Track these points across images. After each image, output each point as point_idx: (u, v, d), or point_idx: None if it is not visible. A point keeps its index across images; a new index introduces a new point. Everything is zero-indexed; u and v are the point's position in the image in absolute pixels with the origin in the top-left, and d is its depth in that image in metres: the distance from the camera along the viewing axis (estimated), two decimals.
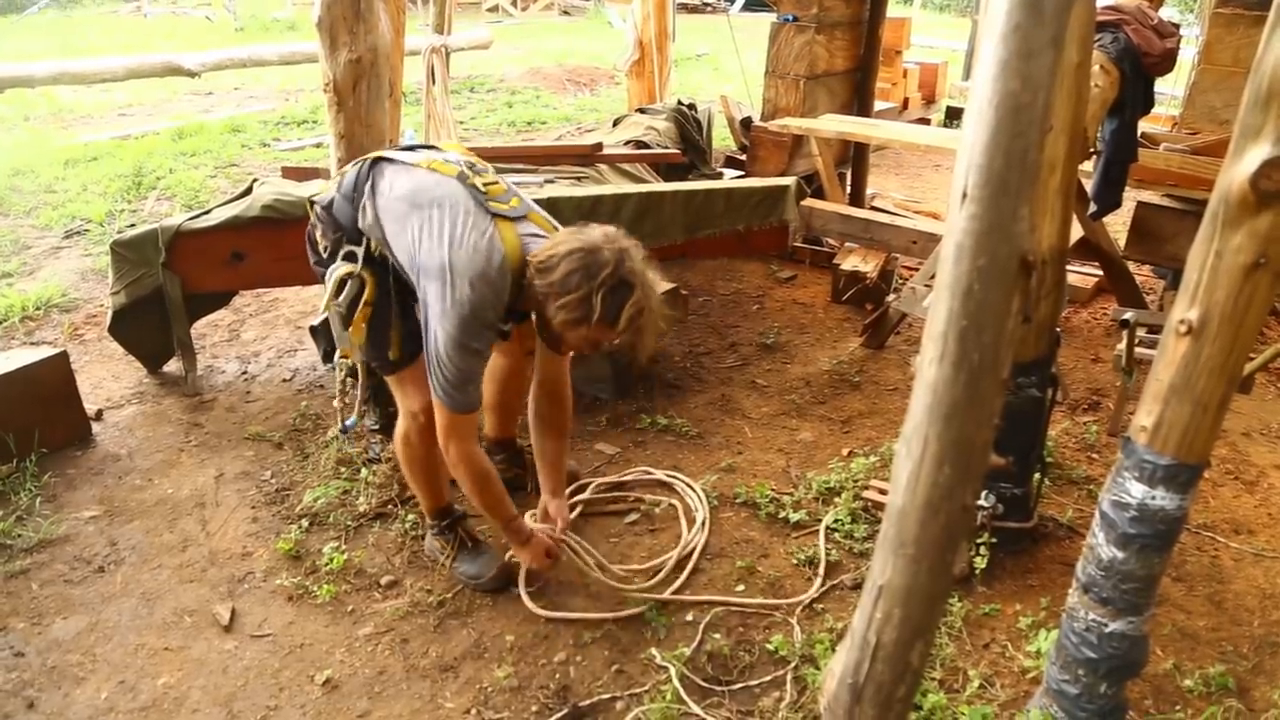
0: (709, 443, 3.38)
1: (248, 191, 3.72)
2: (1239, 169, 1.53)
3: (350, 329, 2.38)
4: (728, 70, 11.66)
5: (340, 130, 3.08)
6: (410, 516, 2.81)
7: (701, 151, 5.80)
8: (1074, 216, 2.82)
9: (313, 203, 2.43)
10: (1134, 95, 3.67)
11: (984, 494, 2.58)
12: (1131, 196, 4.32)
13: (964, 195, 1.11)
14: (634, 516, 2.93)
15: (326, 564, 2.64)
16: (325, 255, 2.42)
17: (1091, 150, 3.77)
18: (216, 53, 9.92)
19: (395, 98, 4.10)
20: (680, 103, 6.09)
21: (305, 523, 2.83)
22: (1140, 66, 3.62)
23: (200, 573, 2.65)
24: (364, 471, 3.01)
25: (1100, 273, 4.75)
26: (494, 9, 19.75)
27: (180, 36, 14.58)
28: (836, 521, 2.85)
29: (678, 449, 3.33)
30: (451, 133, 6.34)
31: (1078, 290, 4.80)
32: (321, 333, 3.45)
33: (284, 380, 3.80)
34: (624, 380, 3.61)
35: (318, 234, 2.43)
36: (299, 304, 4.54)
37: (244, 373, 3.86)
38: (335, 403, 2.80)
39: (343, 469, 3.08)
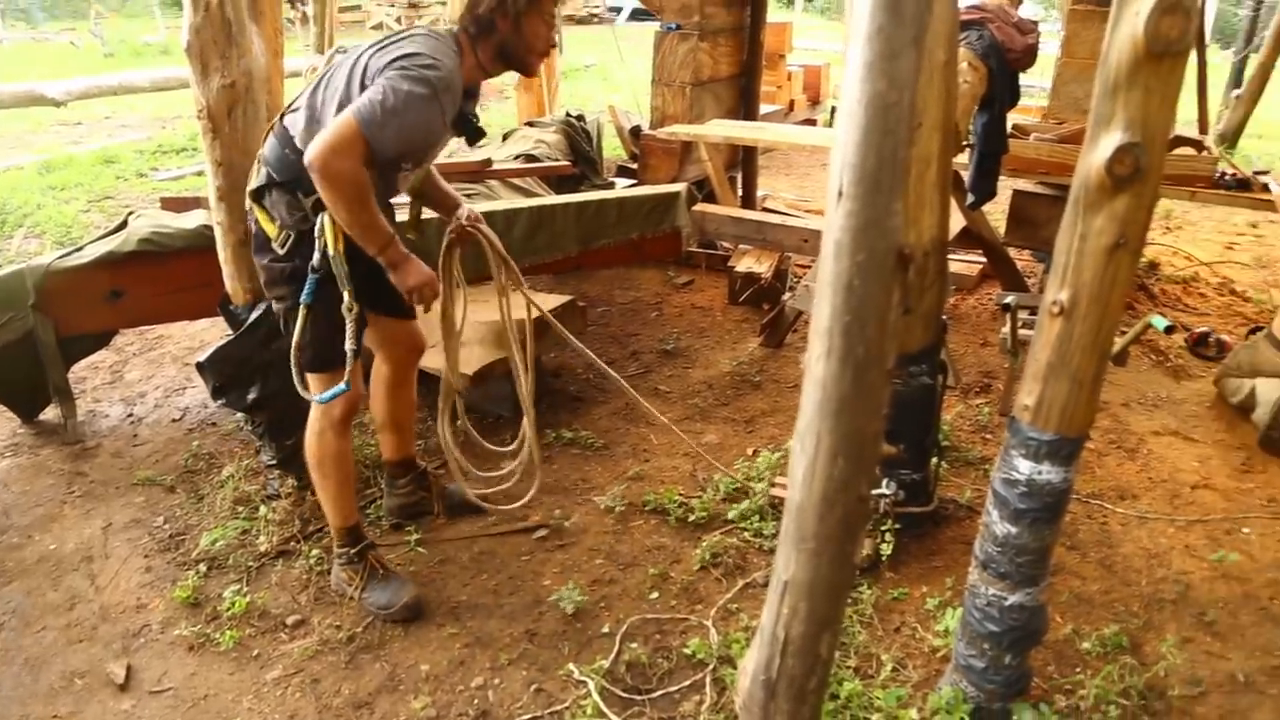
0: (615, 453, 3.38)
1: (123, 225, 3.55)
2: (1095, 156, 1.62)
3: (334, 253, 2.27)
4: (616, 80, 11.72)
5: (217, 157, 2.97)
6: (315, 552, 2.72)
7: (592, 162, 5.80)
8: (955, 208, 2.93)
9: (254, 194, 2.35)
10: (1001, 89, 3.83)
11: (885, 482, 2.65)
12: (1007, 185, 4.52)
13: (840, 193, 1.13)
14: (543, 532, 2.90)
15: (228, 609, 2.53)
16: (284, 251, 2.33)
17: (965, 144, 3.92)
18: (83, 80, 9.48)
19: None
20: (569, 114, 6.09)
21: (203, 567, 2.71)
22: (1005, 62, 3.79)
23: (90, 631, 2.51)
24: (263, 509, 2.90)
25: (984, 260, 4.95)
26: (378, 26, 19.39)
27: (42, 64, 13.85)
28: (745, 521, 2.89)
29: (584, 461, 3.31)
30: None
31: (963, 278, 4.99)
32: (209, 368, 3.31)
33: (173, 420, 3.63)
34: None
35: (271, 227, 2.33)
36: (185, 340, 4.36)
37: (129, 415, 3.68)
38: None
39: (240, 508, 2.96)
